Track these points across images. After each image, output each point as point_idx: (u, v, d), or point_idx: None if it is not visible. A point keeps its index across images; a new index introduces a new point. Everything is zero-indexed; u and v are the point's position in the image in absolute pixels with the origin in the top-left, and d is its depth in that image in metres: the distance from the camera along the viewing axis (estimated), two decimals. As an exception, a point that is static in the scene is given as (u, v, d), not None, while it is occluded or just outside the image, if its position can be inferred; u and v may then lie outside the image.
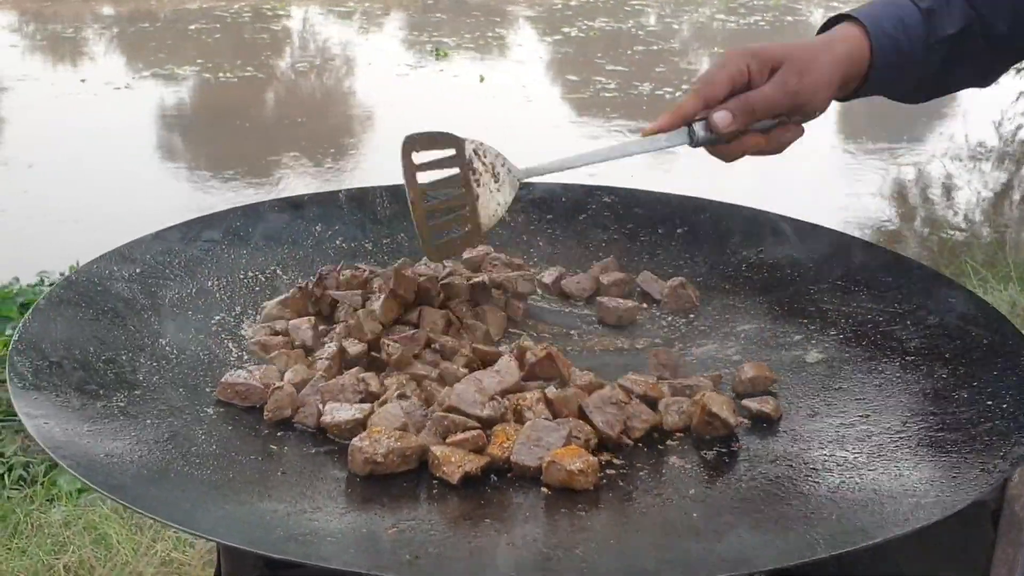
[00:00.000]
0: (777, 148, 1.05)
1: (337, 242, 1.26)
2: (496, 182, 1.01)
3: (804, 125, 1.05)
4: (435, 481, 0.80)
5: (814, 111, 1.05)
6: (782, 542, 0.71)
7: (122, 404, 0.86)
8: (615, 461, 0.83)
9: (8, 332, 3.87)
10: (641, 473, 0.82)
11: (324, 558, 0.63)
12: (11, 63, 8.73)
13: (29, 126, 7.06)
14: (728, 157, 1.05)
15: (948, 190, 6.02)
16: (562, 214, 1.36)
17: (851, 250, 1.21)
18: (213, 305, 1.09)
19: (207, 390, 0.93)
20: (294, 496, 0.76)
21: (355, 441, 0.81)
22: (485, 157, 1.01)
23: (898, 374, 0.99)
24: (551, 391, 0.88)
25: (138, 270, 1.10)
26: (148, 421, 0.84)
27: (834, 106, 1.10)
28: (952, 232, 5.19)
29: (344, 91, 8.45)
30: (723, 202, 1.33)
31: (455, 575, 0.66)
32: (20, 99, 7.66)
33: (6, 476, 3.31)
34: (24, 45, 9.72)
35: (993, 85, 1.16)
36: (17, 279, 4.31)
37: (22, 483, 3.44)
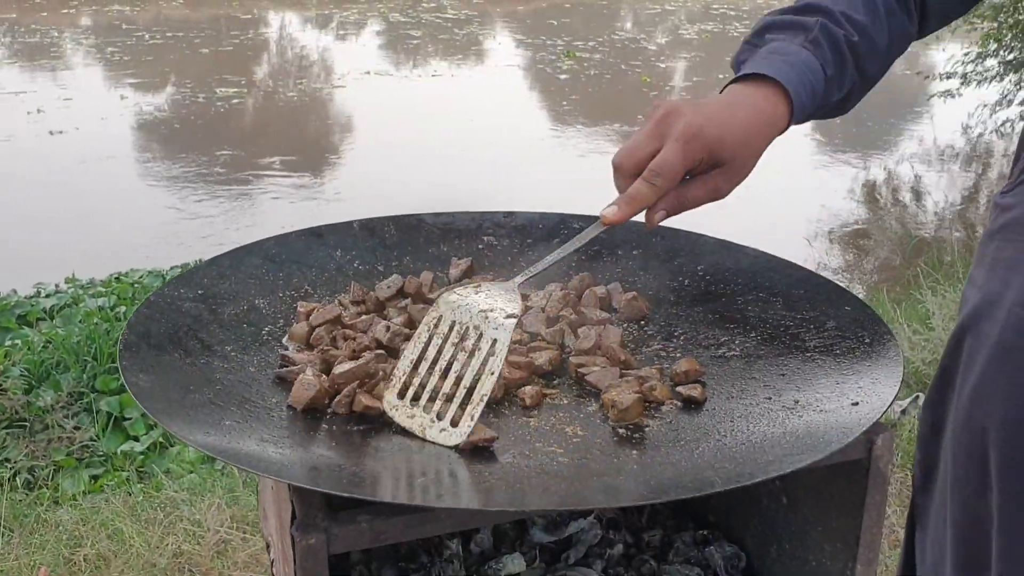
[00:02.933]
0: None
1: (355, 265, 1.60)
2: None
3: None
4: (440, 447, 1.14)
5: None
6: (691, 481, 1.06)
7: (210, 396, 1.21)
8: (579, 432, 1.18)
9: (8, 343, 4.17)
10: (598, 440, 1.17)
11: (384, 496, 0.98)
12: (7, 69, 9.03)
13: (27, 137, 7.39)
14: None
15: (917, 194, 6.43)
16: (540, 238, 1.71)
17: (774, 268, 1.57)
18: (261, 319, 1.44)
19: (266, 384, 1.27)
20: (345, 462, 1.11)
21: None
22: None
23: (799, 367, 1.34)
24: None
25: (200, 292, 1.44)
26: (232, 409, 1.19)
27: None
28: (916, 235, 5.59)
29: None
30: (671, 227, 1.68)
31: (463, 501, 1.01)
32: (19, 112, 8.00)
33: (16, 478, 3.63)
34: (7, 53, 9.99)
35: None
36: (15, 291, 4.62)
37: (28, 486, 3.76)
